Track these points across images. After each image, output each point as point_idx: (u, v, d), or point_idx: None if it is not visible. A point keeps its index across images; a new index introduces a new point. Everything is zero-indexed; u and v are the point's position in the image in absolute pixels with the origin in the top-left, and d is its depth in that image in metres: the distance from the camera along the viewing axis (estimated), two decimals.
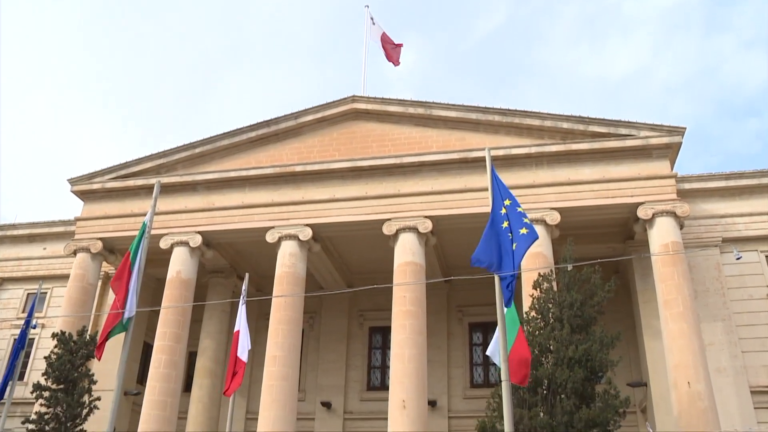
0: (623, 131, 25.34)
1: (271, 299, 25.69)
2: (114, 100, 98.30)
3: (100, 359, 16.04)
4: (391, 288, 24.81)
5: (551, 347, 17.97)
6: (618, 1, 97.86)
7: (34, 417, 22.73)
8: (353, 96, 28.49)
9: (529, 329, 18.65)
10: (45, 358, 23.90)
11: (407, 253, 25.27)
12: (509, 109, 26.49)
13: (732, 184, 26.92)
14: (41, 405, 22.97)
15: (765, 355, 24.51)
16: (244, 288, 20.51)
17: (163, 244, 27.52)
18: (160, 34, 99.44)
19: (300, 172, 27.37)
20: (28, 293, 33.15)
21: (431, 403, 27.18)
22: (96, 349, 15.93)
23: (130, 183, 29.06)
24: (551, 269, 20.80)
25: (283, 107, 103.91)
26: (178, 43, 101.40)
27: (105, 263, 29.68)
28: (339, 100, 28.52)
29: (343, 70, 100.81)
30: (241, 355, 18.72)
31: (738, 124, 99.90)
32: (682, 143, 24.82)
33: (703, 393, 21.13)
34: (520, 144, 25.94)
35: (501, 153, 25.10)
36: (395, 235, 25.77)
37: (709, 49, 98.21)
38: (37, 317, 27.60)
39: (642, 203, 24.34)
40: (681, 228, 24.29)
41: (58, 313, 29.06)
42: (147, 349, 29.98)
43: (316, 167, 27.24)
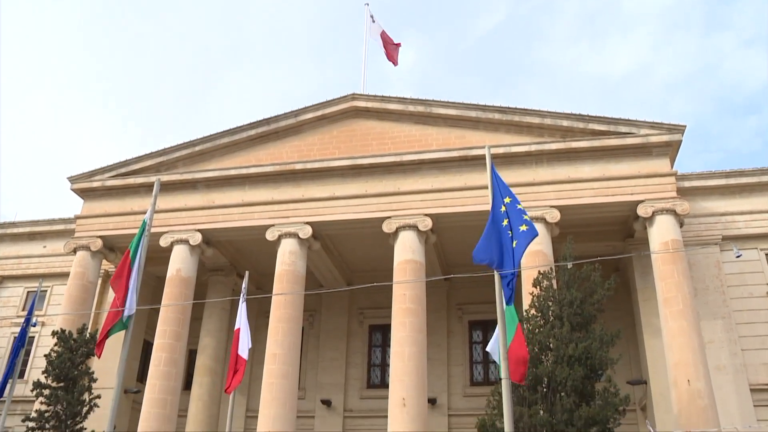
0: (623, 129, 25.33)
1: (271, 297, 25.70)
2: (114, 99, 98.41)
3: (100, 357, 16.01)
4: (391, 286, 24.82)
5: (551, 345, 17.97)
6: None
7: (34, 415, 22.75)
8: (353, 94, 28.47)
9: (529, 327, 18.66)
10: (45, 356, 23.90)
11: (407, 251, 25.28)
12: (509, 107, 26.50)
13: (732, 182, 26.93)
14: (41, 403, 22.99)
15: (765, 352, 24.54)
16: (244, 286, 20.51)
17: (163, 242, 27.54)
18: (159, 33, 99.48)
19: (300, 170, 27.37)
20: (28, 291, 33.18)
21: (431, 401, 27.21)
22: (96, 347, 15.92)
23: (130, 181, 29.06)
24: (551, 267, 20.83)
25: (283, 105, 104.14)
26: (178, 42, 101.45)
27: (105, 261, 29.71)
28: (339, 98, 28.50)
29: (343, 69, 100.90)
30: (242, 352, 18.75)
31: (738, 121, 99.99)
32: (682, 141, 24.83)
33: (703, 391, 21.15)
34: (519, 142, 25.94)
35: (501, 151, 25.10)
36: (395, 233, 25.78)
37: (709, 47, 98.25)
38: (37, 315, 27.61)
39: (642, 201, 24.34)
40: (681, 226, 24.29)
41: (58, 311, 29.11)
42: (147, 347, 29.99)
43: (316, 165, 27.25)
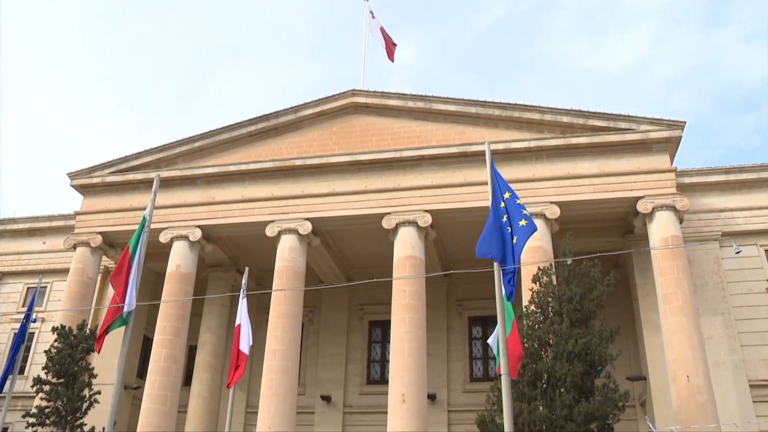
0: (623, 125, 25.32)
1: (270, 293, 25.71)
2: (113, 95, 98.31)
3: (99, 352, 16.02)
4: (391, 282, 24.83)
5: (551, 341, 17.98)
6: None
7: (34, 411, 22.79)
8: (353, 90, 28.44)
9: (529, 323, 18.68)
10: (45, 352, 23.94)
11: (407, 247, 25.28)
12: (509, 103, 26.47)
13: (732, 178, 26.93)
14: (42, 399, 23.01)
15: (764, 348, 24.57)
16: (244, 282, 20.49)
17: (163, 238, 27.53)
18: (159, 29, 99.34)
19: (300, 166, 27.35)
20: (28, 287, 33.21)
21: (431, 397, 27.23)
22: (96, 342, 15.93)
23: (130, 177, 29.04)
24: (551, 263, 20.81)
25: (282, 101, 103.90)
26: (177, 38, 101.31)
27: (105, 257, 29.71)
28: (338, 94, 28.47)
29: (343, 64, 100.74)
30: (243, 348, 18.77)
31: (738, 118, 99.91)
32: (681, 137, 24.81)
33: (702, 387, 21.18)
34: (519, 138, 25.91)
35: (501, 147, 25.08)
36: (395, 229, 25.78)
37: (709, 43, 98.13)
38: (37, 311, 27.64)
39: (642, 197, 24.33)
40: (681, 222, 24.28)
41: (58, 307, 29.09)
42: (147, 343, 30.02)
43: (316, 161, 27.23)
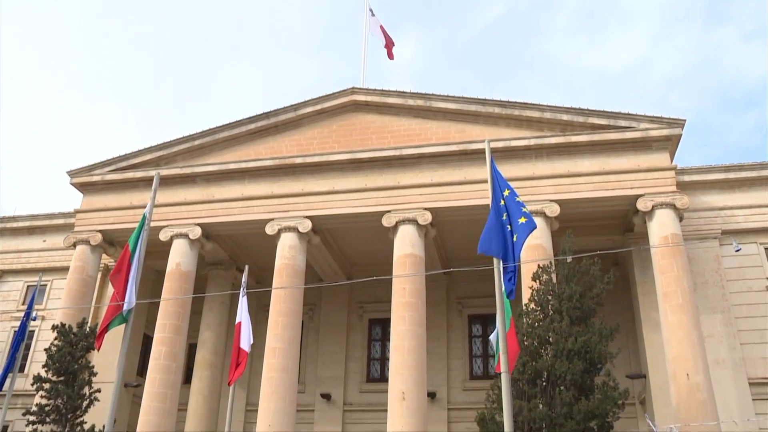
0: (623, 123, 25.30)
1: (270, 291, 25.72)
2: (113, 93, 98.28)
3: (99, 350, 16.04)
4: (391, 280, 24.83)
5: (550, 339, 18.00)
6: None
7: (34, 409, 22.81)
8: (353, 88, 28.42)
9: (529, 321, 18.69)
10: (45, 350, 23.94)
11: (407, 245, 25.28)
12: (509, 101, 26.45)
13: (731, 176, 26.92)
14: (42, 397, 23.03)
15: (764, 347, 24.58)
16: (244, 280, 20.51)
17: (163, 236, 27.53)
18: (159, 28, 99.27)
19: (299, 164, 27.35)
20: (28, 285, 33.22)
21: (431, 395, 27.24)
22: (95, 340, 15.93)
23: (130, 175, 29.03)
24: (550, 261, 20.82)
25: (282, 99, 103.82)
26: (177, 37, 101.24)
27: (105, 255, 29.71)
28: (338, 92, 28.45)
29: (343, 62, 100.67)
30: (244, 345, 18.78)
31: (738, 116, 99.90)
32: (681, 135, 24.80)
33: (702, 385, 21.19)
34: (519, 136, 25.90)
35: (500, 145, 25.06)
36: (395, 227, 25.78)
37: (709, 42, 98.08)
38: (37, 309, 27.63)
39: (641, 195, 24.32)
40: (680, 220, 24.28)
41: (58, 305, 29.10)
42: (147, 341, 30.03)
43: (316, 159, 27.21)
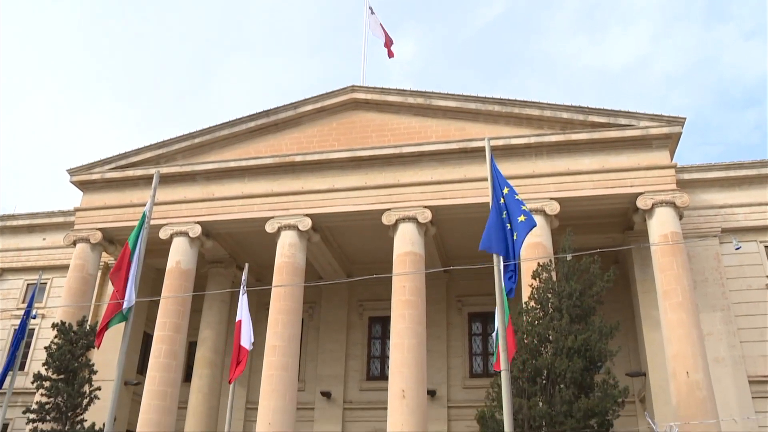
0: (623, 121, 25.29)
1: (270, 289, 25.72)
2: (113, 92, 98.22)
3: (99, 347, 16.03)
4: (391, 278, 24.83)
5: (550, 337, 18.00)
6: None
7: (35, 407, 22.82)
8: (352, 86, 28.40)
9: (528, 319, 18.69)
10: (45, 348, 23.95)
11: (407, 243, 25.28)
12: (509, 99, 26.44)
13: (731, 174, 26.91)
14: (42, 395, 23.06)
15: (763, 345, 24.59)
16: (244, 278, 20.49)
17: (163, 235, 27.52)
18: (159, 27, 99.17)
19: (299, 162, 27.34)
20: (28, 284, 33.22)
21: (431, 393, 27.24)
22: (95, 337, 15.93)
23: (130, 173, 29.02)
24: (550, 259, 20.83)
25: (282, 97, 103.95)
26: (177, 36, 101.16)
27: (104, 254, 29.71)
28: (338, 90, 28.43)
29: (343, 61, 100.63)
30: (245, 343, 18.77)
31: (738, 114, 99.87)
32: (681, 133, 24.79)
33: (702, 383, 21.20)
34: (519, 134, 25.88)
35: (500, 143, 25.05)
36: (395, 225, 25.77)
37: (709, 40, 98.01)
38: (37, 307, 27.67)
39: (641, 193, 24.32)
40: (680, 218, 24.28)
41: (58, 303, 29.11)
42: (147, 340, 30.04)
43: (316, 157, 27.21)
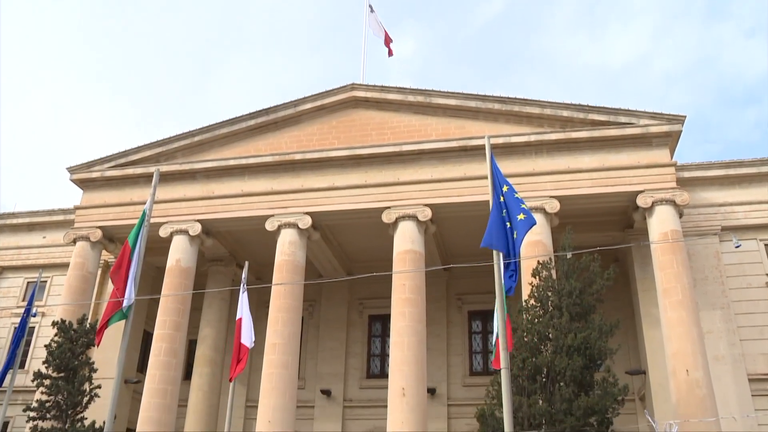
0: (623, 119, 25.29)
1: (270, 287, 25.73)
2: (113, 89, 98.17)
3: (98, 345, 16.03)
4: (391, 276, 24.84)
5: (550, 335, 18.02)
6: None
7: (35, 405, 22.85)
8: (352, 84, 28.38)
9: (528, 317, 18.70)
10: (45, 346, 23.95)
11: (407, 242, 25.28)
12: (509, 97, 26.43)
13: (731, 172, 26.92)
14: (42, 393, 23.08)
15: (763, 343, 24.62)
16: (244, 276, 20.47)
17: (163, 233, 27.53)
18: (159, 25, 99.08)
19: (299, 160, 27.33)
20: (28, 282, 33.23)
21: (430, 391, 27.27)
22: (95, 335, 15.93)
23: (129, 171, 29.02)
24: (550, 257, 20.84)
25: (282, 95, 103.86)
26: (177, 34, 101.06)
27: (104, 252, 29.71)
28: (338, 88, 28.42)
29: (342, 59, 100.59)
30: (245, 341, 18.78)
31: (738, 112, 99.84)
32: (681, 132, 24.79)
33: (702, 381, 21.22)
34: (519, 132, 25.88)
35: (500, 141, 25.05)
36: (395, 224, 25.77)
37: (709, 38, 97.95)
38: (37, 306, 27.64)
39: (641, 191, 24.32)
40: (680, 216, 24.28)
41: (58, 301, 29.15)
42: (147, 338, 30.04)
43: (316, 155, 27.20)
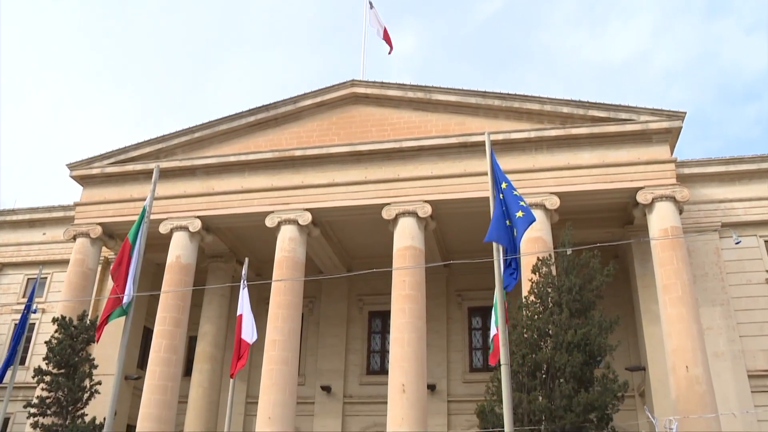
0: (623, 116, 25.26)
1: (270, 283, 25.74)
2: (113, 86, 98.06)
3: (98, 341, 16.07)
4: (391, 272, 24.84)
5: (550, 331, 18.03)
6: None
7: (35, 401, 22.91)
8: (352, 80, 28.35)
9: (528, 313, 18.71)
10: (46, 342, 24.01)
11: (406, 238, 25.28)
12: (509, 94, 26.40)
13: (731, 169, 26.92)
14: (42, 389, 23.13)
15: (763, 339, 24.64)
16: (244, 272, 20.45)
17: (163, 229, 27.52)
18: (160, 21, 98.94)
19: (299, 156, 27.31)
20: (29, 278, 33.24)
21: (430, 387, 27.28)
22: (95, 331, 15.95)
23: (129, 168, 29.00)
24: (550, 253, 20.83)
25: (282, 92, 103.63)
26: (178, 31, 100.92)
27: (105, 248, 29.72)
28: (338, 85, 28.39)
29: (342, 56, 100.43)
30: (246, 337, 18.78)
31: (738, 109, 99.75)
32: (682, 128, 24.76)
33: (701, 377, 21.25)
34: (519, 128, 25.86)
35: (500, 137, 25.03)
36: (395, 220, 25.77)
37: (709, 34, 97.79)
38: (37, 302, 27.63)
39: (641, 188, 24.31)
40: (680, 213, 24.27)
41: (59, 298, 29.13)
42: (147, 334, 30.07)
43: (315, 152, 27.18)
